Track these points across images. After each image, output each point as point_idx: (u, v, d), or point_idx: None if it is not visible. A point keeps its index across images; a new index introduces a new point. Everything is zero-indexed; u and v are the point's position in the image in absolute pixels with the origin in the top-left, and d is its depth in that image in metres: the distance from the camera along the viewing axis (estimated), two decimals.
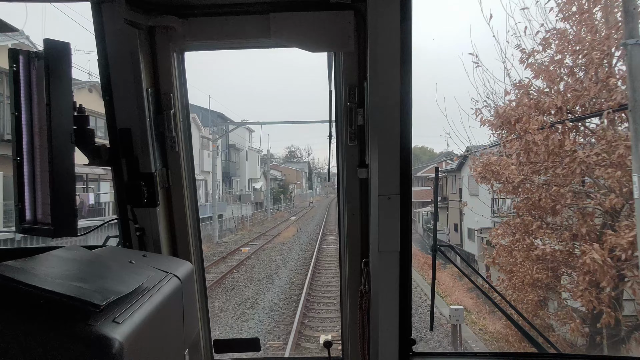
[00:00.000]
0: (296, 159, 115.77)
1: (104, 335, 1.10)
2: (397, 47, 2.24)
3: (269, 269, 21.75)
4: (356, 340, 2.78)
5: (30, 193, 2.05)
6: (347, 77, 2.54)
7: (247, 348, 3.06)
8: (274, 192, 66.46)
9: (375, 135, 2.35)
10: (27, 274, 1.19)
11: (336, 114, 2.69)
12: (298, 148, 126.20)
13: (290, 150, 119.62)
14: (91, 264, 1.58)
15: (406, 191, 2.40)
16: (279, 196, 69.51)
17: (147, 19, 2.38)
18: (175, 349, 1.72)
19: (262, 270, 21.36)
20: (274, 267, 22.08)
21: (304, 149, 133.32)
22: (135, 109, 2.42)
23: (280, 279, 19.51)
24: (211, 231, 32.18)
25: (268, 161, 61.49)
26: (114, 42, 2.34)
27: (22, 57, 2.00)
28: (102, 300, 1.15)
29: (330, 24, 2.41)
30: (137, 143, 2.45)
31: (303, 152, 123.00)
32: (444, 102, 44.05)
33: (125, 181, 2.48)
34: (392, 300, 2.50)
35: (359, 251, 2.75)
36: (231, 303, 16.04)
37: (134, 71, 2.38)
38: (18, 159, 2.02)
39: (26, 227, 2.04)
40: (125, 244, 2.57)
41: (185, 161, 2.70)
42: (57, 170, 1.94)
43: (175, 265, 1.93)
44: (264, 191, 58.38)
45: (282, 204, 68.96)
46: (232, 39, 2.49)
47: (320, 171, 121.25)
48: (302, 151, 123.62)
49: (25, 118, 2.02)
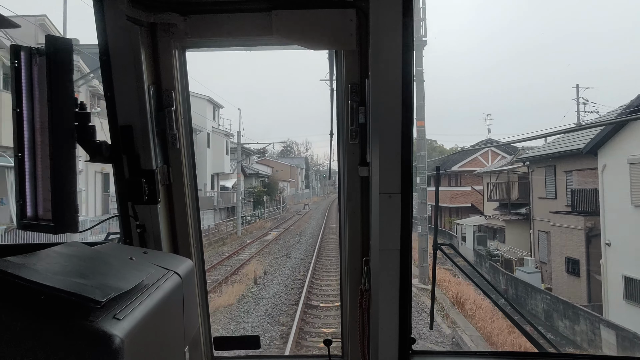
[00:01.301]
0: (293, 154, 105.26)
1: (105, 331, 1.10)
2: (399, 45, 2.24)
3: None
4: (356, 339, 2.78)
5: (32, 189, 2.05)
6: (348, 75, 2.54)
7: (247, 346, 3.07)
8: (255, 192, 50.79)
9: (377, 134, 2.35)
10: (28, 270, 1.20)
11: (337, 112, 2.69)
12: (295, 142, 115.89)
13: (286, 144, 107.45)
14: (92, 261, 1.58)
15: (407, 190, 2.40)
16: (261, 198, 50.98)
17: (148, 16, 2.38)
18: (176, 346, 1.72)
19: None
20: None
21: (302, 143, 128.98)
22: (137, 106, 2.42)
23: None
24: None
25: (240, 150, 39.23)
26: (116, 39, 2.34)
27: (24, 53, 2.00)
28: (103, 296, 1.15)
29: (332, 22, 2.41)
30: (138, 140, 2.45)
31: (301, 146, 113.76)
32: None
33: (126, 178, 2.48)
34: (392, 299, 2.50)
35: (360, 249, 2.76)
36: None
37: (135, 68, 2.38)
38: (19, 155, 2.03)
39: (27, 223, 2.04)
40: (126, 240, 2.57)
41: (186, 158, 2.70)
42: (59, 167, 1.94)
43: (175, 262, 1.93)
44: (241, 191, 39.05)
45: (266, 209, 51.53)
46: (234, 36, 2.49)
47: (319, 168, 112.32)
48: (300, 146, 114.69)
49: (26, 114, 2.03)
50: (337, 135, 2.73)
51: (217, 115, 42.66)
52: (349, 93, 2.54)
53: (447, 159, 46.64)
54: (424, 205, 20.13)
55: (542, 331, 2.76)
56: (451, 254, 3.11)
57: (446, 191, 42.88)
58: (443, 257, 2.97)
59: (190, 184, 2.76)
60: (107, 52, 2.36)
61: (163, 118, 2.56)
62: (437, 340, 12.81)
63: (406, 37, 2.24)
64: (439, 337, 13.06)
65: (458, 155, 45.69)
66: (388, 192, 2.37)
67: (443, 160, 45.88)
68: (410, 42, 2.25)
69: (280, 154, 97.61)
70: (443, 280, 19.66)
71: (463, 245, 34.24)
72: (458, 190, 42.99)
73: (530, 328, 2.82)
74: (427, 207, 20.65)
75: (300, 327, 12.63)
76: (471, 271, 3.30)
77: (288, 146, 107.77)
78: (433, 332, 13.12)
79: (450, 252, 3.09)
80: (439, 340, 12.87)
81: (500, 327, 14.26)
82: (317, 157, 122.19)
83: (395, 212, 2.40)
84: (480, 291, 3.09)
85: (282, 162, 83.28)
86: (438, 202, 3.25)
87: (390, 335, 2.54)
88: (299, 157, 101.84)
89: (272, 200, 57.59)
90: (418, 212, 19.77)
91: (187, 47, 2.60)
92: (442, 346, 12.33)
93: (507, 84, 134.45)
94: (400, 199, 2.39)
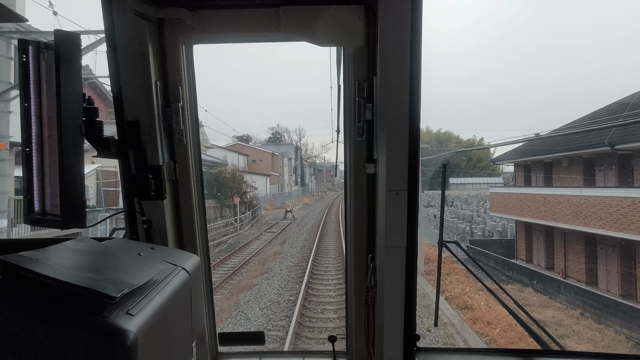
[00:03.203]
0: (283, 141, 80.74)
1: (119, 327, 1.10)
2: (407, 42, 2.23)
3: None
4: (361, 335, 2.79)
5: (39, 184, 2.05)
6: (356, 72, 2.53)
7: (251, 341, 3.08)
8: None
9: (384, 131, 2.34)
10: (41, 265, 1.20)
11: (344, 109, 2.68)
12: (286, 129, 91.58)
13: (275, 131, 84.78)
14: (102, 256, 1.58)
15: (414, 187, 2.40)
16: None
17: (156, 11, 2.37)
18: (184, 341, 1.72)
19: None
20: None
21: (294, 130, 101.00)
22: (144, 102, 2.41)
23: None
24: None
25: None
26: (123, 34, 2.33)
27: (32, 47, 1.99)
28: (117, 292, 1.16)
29: (340, 19, 2.40)
30: (145, 135, 2.45)
31: (293, 134, 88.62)
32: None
33: (133, 174, 2.48)
34: (397, 296, 2.50)
35: (365, 246, 2.76)
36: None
37: (142, 63, 2.37)
38: (27, 150, 2.02)
39: (35, 218, 2.04)
40: (132, 236, 2.58)
41: (193, 154, 2.70)
42: (67, 162, 1.94)
43: (183, 258, 1.93)
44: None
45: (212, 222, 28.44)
46: (242, 32, 2.48)
47: (315, 160, 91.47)
48: (292, 134, 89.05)
49: (34, 109, 2.02)
50: (344, 132, 2.72)
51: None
52: (356, 90, 2.54)
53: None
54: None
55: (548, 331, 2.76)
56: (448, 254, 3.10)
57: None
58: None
59: (196, 179, 2.76)
60: (114, 47, 2.35)
61: (170, 114, 2.56)
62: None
63: (415, 35, 2.23)
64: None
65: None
66: (395, 189, 2.37)
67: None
68: (419, 39, 2.24)
69: (268, 142, 76.61)
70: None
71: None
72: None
73: (535, 327, 2.83)
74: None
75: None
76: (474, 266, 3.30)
77: (277, 133, 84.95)
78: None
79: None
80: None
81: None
82: (313, 148, 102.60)
83: (401, 210, 2.40)
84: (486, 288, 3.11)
85: (263, 148, 63.06)
86: (444, 199, 3.25)
87: (395, 332, 2.55)
88: (286, 145, 77.29)
89: (223, 206, 32.82)
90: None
91: (194, 42, 2.60)
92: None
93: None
94: (406, 196, 2.39)
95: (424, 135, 76.75)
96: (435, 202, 44.16)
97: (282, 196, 58.01)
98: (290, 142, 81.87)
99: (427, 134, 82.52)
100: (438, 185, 49.81)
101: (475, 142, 78.33)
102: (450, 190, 65.05)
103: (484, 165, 74.29)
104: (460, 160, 73.06)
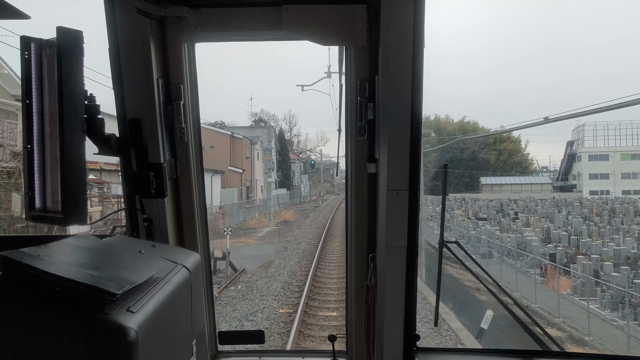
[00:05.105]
0: (262, 126, 58.06)
1: (120, 324, 1.10)
2: (409, 42, 2.23)
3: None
4: (361, 335, 2.79)
5: (40, 181, 2.05)
6: (357, 71, 2.53)
7: (251, 340, 3.08)
8: None
9: (386, 131, 2.34)
10: (43, 262, 1.20)
11: (346, 108, 2.68)
12: (273, 116, 69.00)
13: (259, 117, 63.92)
14: (103, 253, 1.58)
15: (415, 187, 2.40)
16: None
17: (158, 9, 2.37)
18: (184, 339, 1.72)
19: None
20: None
21: (283, 118, 76.86)
22: (146, 99, 2.41)
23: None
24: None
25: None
26: (125, 32, 2.33)
27: (34, 44, 1.99)
28: (118, 289, 1.16)
29: (343, 18, 2.39)
30: (146, 133, 2.45)
31: (281, 122, 68.70)
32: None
33: (134, 171, 2.48)
34: (398, 295, 2.50)
35: (366, 246, 2.76)
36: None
37: (144, 61, 2.37)
38: (28, 147, 2.02)
39: (36, 215, 2.04)
40: (133, 233, 2.58)
41: (194, 152, 2.70)
42: (68, 159, 1.94)
43: (183, 256, 1.93)
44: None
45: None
46: (244, 30, 2.48)
47: (309, 153, 72.99)
48: (281, 122, 68.81)
49: (36, 106, 2.02)
50: (345, 131, 2.72)
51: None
52: (358, 89, 2.53)
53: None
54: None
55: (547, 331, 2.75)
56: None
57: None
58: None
59: (197, 177, 2.76)
60: (116, 45, 2.35)
61: (171, 111, 2.56)
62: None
63: (417, 34, 2.23)
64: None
65: None
66: (396, 188, 2.37)
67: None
68: (421, 39, 2.24)
69: (248, 130, 51.72)
70: None
71: None
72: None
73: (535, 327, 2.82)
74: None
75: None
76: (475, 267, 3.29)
77: (261, 120, 64.21)
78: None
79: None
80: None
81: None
82: (306, 140, 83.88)
83: (402, 209, 2.39)
84: (486, 288, 3.11)
85: (214, 128, 40.74)
86: (445, 198, 3.25)
87: (396, 332, 2.55)
88: (262, 128, 55.26)
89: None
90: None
91: (196, 40, 2.59)
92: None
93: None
94: (408, 196, 2.39)
95: (445, 126, 66.80)
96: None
97: (242, 210, 35.67)
98: (284, 131, 62.81)
99: (447, 124, 68.59)
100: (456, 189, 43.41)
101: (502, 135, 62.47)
102: (483, 193, 51.25)
103: (515, 162, 63.00)
104: (489, 155, 59.62)
